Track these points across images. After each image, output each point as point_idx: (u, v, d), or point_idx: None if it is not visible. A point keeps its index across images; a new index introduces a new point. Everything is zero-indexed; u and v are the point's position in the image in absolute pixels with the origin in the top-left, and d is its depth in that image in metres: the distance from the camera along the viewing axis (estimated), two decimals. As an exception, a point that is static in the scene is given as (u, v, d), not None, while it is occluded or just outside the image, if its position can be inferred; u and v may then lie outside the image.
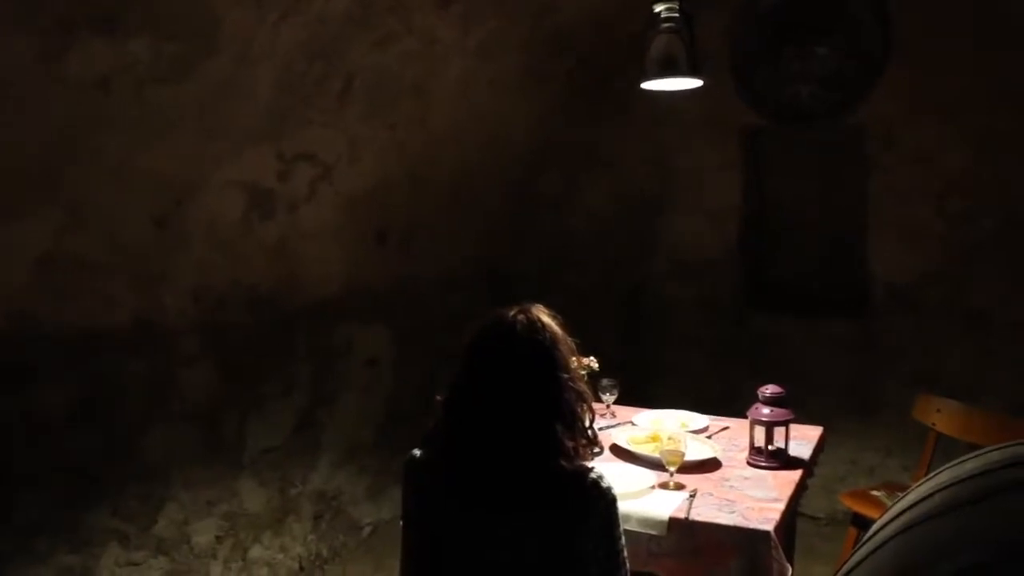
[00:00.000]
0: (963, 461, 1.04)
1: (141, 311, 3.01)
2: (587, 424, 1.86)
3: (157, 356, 3.09)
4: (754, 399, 2.76)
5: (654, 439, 2.79)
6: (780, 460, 2.69)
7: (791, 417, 2.70)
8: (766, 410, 2.69)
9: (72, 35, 2.35)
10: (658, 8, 2.89)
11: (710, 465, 2.70)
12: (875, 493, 3.46)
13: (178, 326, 3.14)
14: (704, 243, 4.67)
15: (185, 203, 3.02)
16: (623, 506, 1.90)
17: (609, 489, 1.79)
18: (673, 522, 2.32)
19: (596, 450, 1.90)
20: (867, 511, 3.26)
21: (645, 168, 4.74)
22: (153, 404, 3.09)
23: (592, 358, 2.74)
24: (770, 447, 2.69)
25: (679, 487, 2.50)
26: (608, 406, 3.18)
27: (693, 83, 3.05)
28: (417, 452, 1.91)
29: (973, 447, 1.05)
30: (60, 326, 2.77)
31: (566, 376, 1.81)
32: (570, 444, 1.77)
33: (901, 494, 1.09)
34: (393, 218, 3.98)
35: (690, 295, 4.72)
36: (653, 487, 2.49)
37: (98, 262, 2.82)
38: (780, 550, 2.25)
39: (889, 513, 1.05)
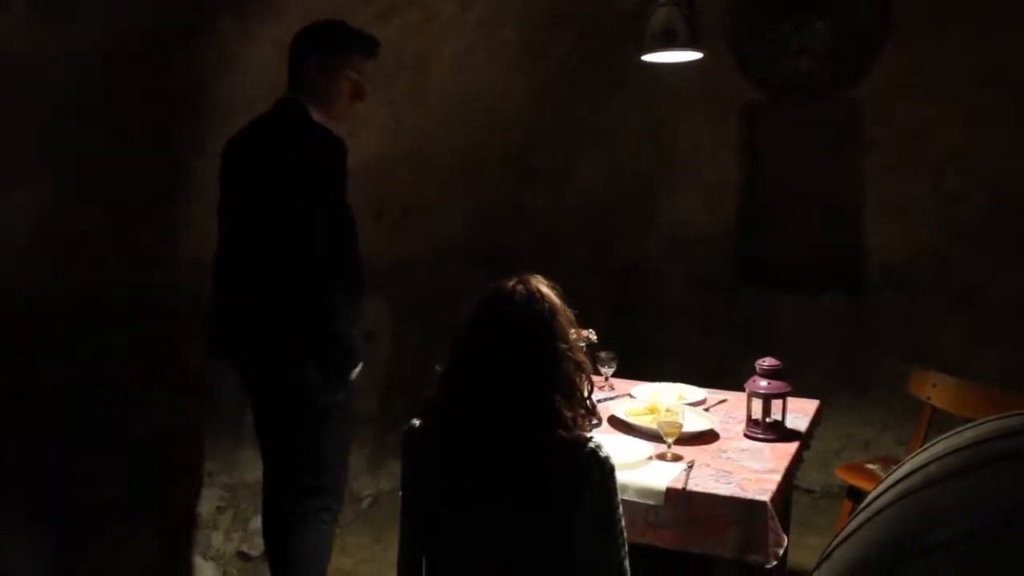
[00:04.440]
0: (959, 432, 1.05)
1: (139, 281, 3.02)
2: (585, 394, 1.87)
3: (155, 328, 3.09)
4: (748, 374, 2.77)
5: (652, 411, 2.81)
6: (777, 432, 2.71)
7: (788, 390, 2.72)
8: (764, 382, 2.71)
9: (72, 4, 2.34)
10: (658, -20, 2.89)
11: (707, 437, 2.72)
12: (870, 466, 3.49)
13: (177, 297, 3.14)
14: (700, 219, 4.67)
15: (184, 175, 3.02)
16: (621, 477, 1.91)
17: (607, 458, 1.80)
18: (670, 492, 2.34)
19: (594, 421, 1.91)
20: (862, 484, 3.29)
21: (642, 143, 4.73)
22: (151, 376, 3.10)
23: (590, 330, 2.75)
24: (767, 419, 2.71)
25: (676, 458, 2.52)
26: (606, 378, 3.20)
27: (693, 55, 3.04)
28: (416, 422, 1.92)
29: (968, 422, 1.06)
30: (57, 297, 2.77)
31: (565, 346, 1.82)
32: (568, 414, 1.78)
33: (896, 466, 1.10)
34: (391, 194, 3.97)
35: (685, 270, 4.72)
36: (651, 458, 2.51)
37: (97, 234, 2.82)
38: (776, 520, 2.27)
39: (885, 483, 1.06)
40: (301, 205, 2.56)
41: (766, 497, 2.29)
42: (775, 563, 2.28)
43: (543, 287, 1.86)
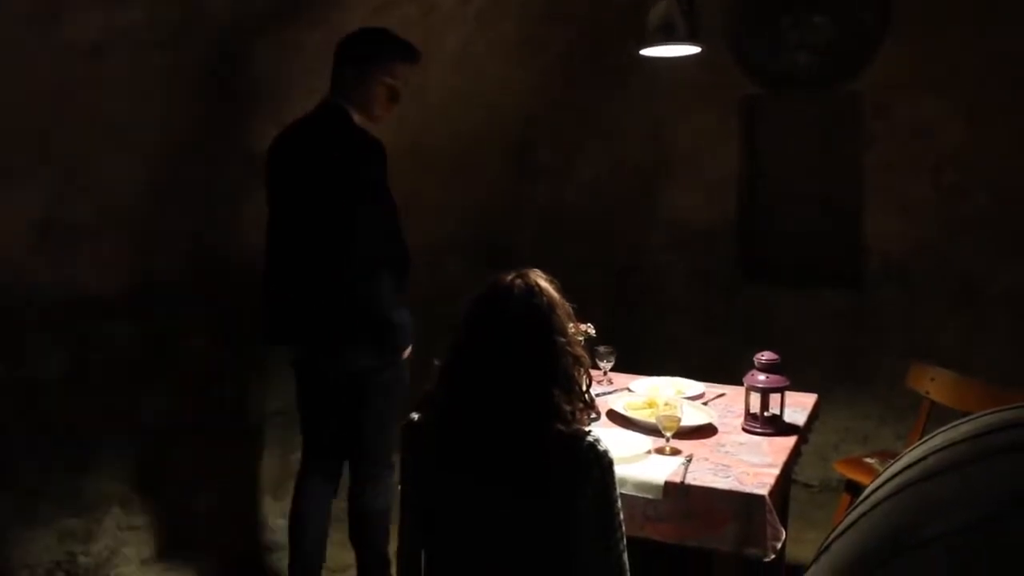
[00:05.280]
0: (957, 425, 1.05)
1: (138, 274, 3.02)
2: (584, 388, 1.87)
3: (155, 320, 3.10)
4: (747, 369, 2.77)
5: (650, 405, 2.81)
6: (775, 426, 2.72)
7: (787, 384, 2.72)
8: (762, 376, 2.71)
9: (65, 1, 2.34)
10: (657, -26, 2.89)
11: (706, 431, 2.72)
12: (868, 460, 3.49)
13: (176, 290, 3.15)
14: (700, 214, 4.66)
15: (183, 169, 3.02)
16: (619, 470, 1.91)
17: (606, 452, 1.80)
18: (669, 486, 2.34)
19: (593, 415, 1.91)
20: (860, 478, 3.30)
21: (642, 138, 4.72)
22: (151, 368, 3.11)
23: (589, 324, 2.75)
24: (765, 413, 2.71)
25: (675, 452, 2.52)
26: (605, 373, 3.20)
27: (692, 50, 3.04)
28: (415, 416, 1.93)
29: (966, 416, 1.06)
30: (57, 289, 2.77)
31: (563, 340, 1.82)
32: (567, 408, 1.78)
33: (894, 459, 1.10)
34: (391, 187, 3.96)
35: (686, 265, 4.72)
36: (649, 452, 2.51)
37: (95, 225, 2.82)
38: (774, 514, 2.28)
39: (883, 476, 1.06)
40: (345, 202, 2.77)
41: (764, 491, 2.29)
42: (773, 557, 2.29)
43: (542, 281, 1.86)
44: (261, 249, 3.45)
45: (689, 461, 2.46)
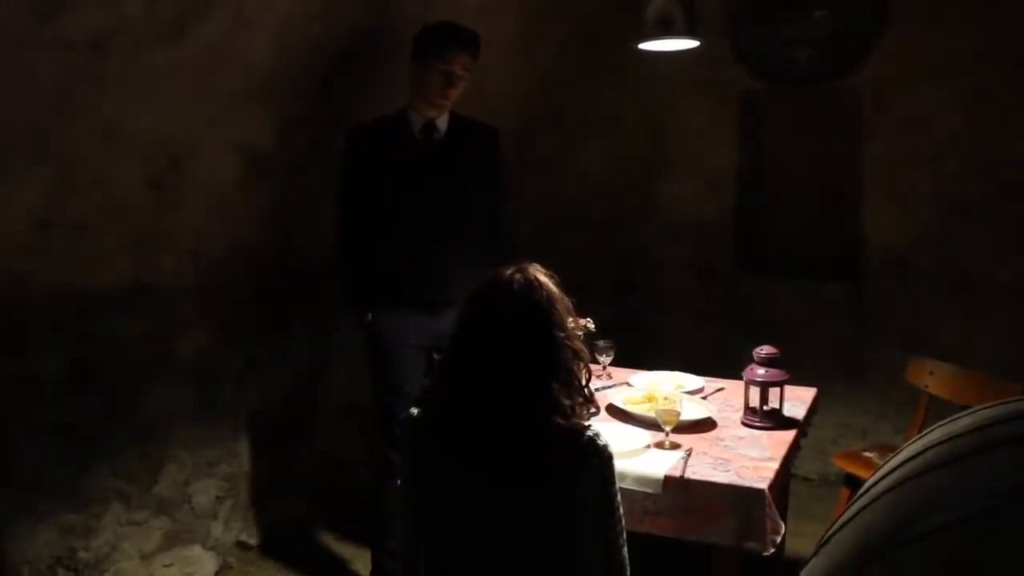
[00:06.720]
0: (956, 419, 1.05)
1: (137, 273, 3.02)
2: (583, 383, 1.87)
3: (154, 318, 3.10)
4: (745, 362, 2.77)
5: (650, 399, 2.81)
6: (774, 420, 2.72)
7: (786, 378, 2.72)
8: (761, 371, 2.71)
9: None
10: (655, -32, 2.88)
11: (705, 425, 2.73)
12: (867, 454, 3.49)
13: (175, 288, 3.15)
14: (699, 206, 4.67)
15: (181, 164, 3.01)
16: (619, 465, 1.91)
17: (605, 447, 1.80)
18: (668, 480, 2.34)
19: (592, 410, 1.91)
20: (859, 472, 3.30)
21: (641, 131, 4.72)
22: (150, 366, 3.11)
23: (588, 319, 2.75)
24: (765, 407, 2.71)
25: (674, 446, 2.52)
26: (604, 367, 3.20)
27: (690, 44, 3.04)
28: (415, 411, 1.93)
29: (965, 410, 1.06)
30: (56, 288, 2.77)
31: (563, 335, 1.81)
32: (567, 402, 1.78)
33: (893, 453, 1.10)
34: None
35: (684, 258, 4.72)
36: (648, 446, 2.52)
37: (94, 223, 2.82)
38: (774, 508, 2.28)
39: (882, 470, 1.06)
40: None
41: (764, 485, 2.29)
42: (772, 551, 2.29)
43: (541, 275, 1.85)
44: (260, 248, 3.47)
45: (688, 455, 2.46)
